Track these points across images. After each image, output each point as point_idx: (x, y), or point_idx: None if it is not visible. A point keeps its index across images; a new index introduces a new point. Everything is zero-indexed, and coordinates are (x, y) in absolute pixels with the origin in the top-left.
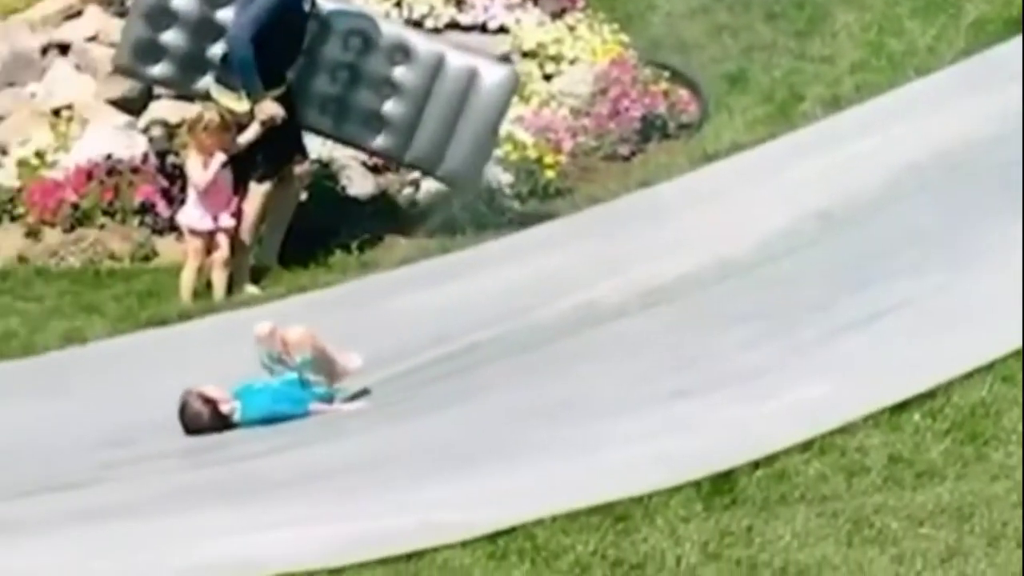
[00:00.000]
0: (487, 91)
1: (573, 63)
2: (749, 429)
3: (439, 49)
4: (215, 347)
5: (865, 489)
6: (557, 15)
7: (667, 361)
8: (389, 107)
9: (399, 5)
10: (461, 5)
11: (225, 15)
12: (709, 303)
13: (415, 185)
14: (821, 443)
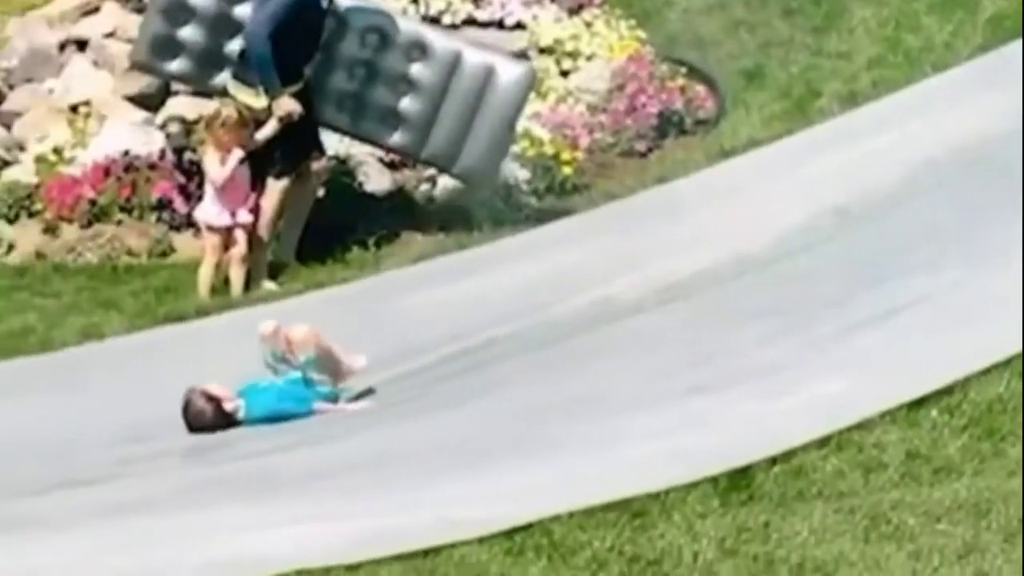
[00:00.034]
0: (504, 88)
1: (590, 59)
2: (766, 425)
3: (456, 46)
4: (233, 343)
5: (882, 485)
6: (574, 11)
7: (684, 357)
8: (406, 104)
9: (416, 1)
10: (478, 1)
11: (243, 11)
12: (726, 299)
13: (432, 182)
14: (838, 439)
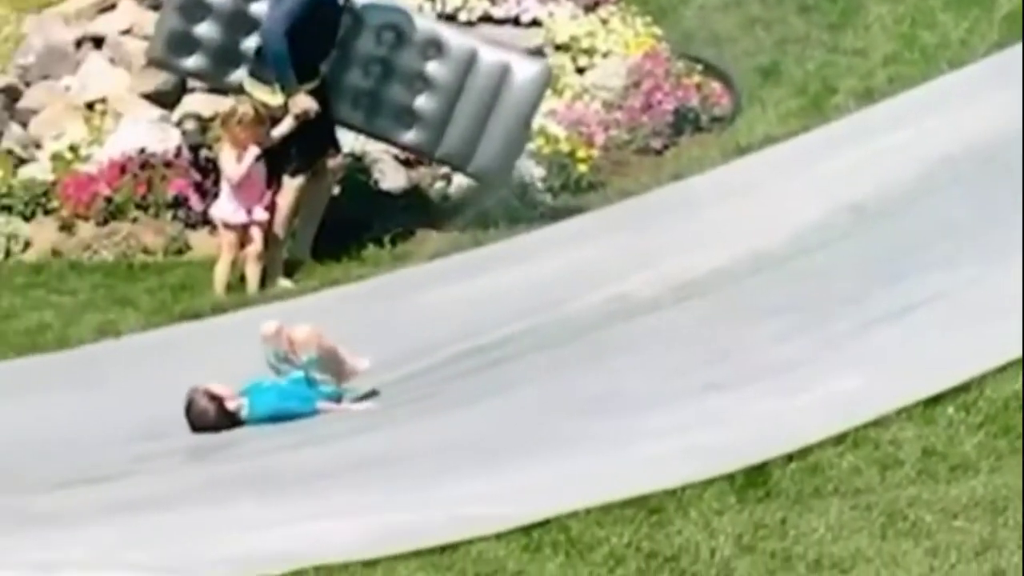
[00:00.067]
0: (519, 87)
1: (606, 56)
2: (782, 422)
3: (472, 44)
4: (249, 340)
5: (899, 482)
6: (590, 8)
7: (700, 354)
8: (421, 102)
9: None
10: None
11: (259, 8)
12: (742, 296)
13: (447, 179)
14: (855, 436)
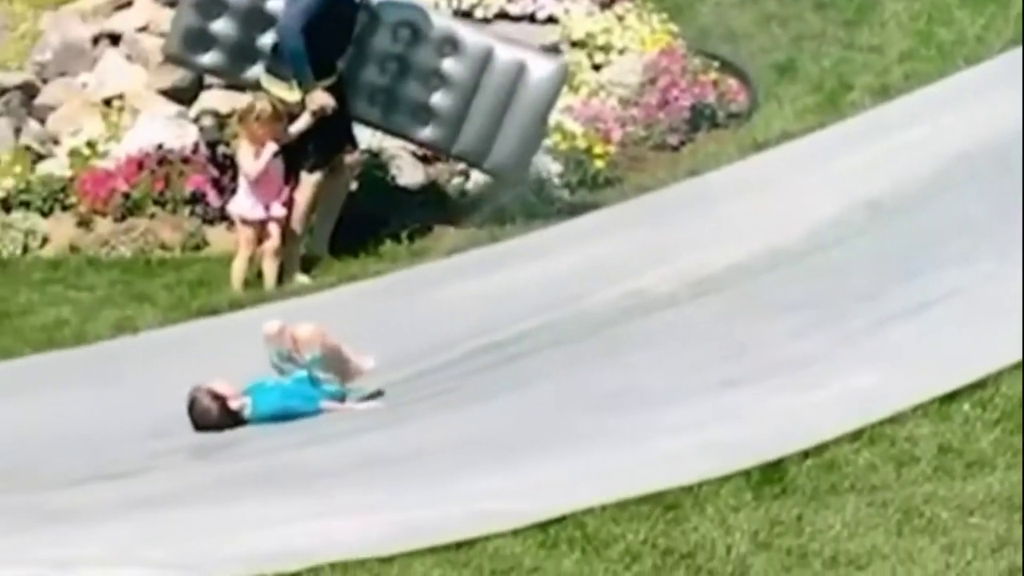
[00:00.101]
0: (535, 85)
1: (622, 53)
2: (798, 418)
3: (488, 42)
4: None
5: (915, 479)
6: (606, 5)
7: (716, 350)
8: (437, 99)
9: None
10: None
11: (275, 5)
12: (758, 292)
13: (465, 175)
14: (871, 433)
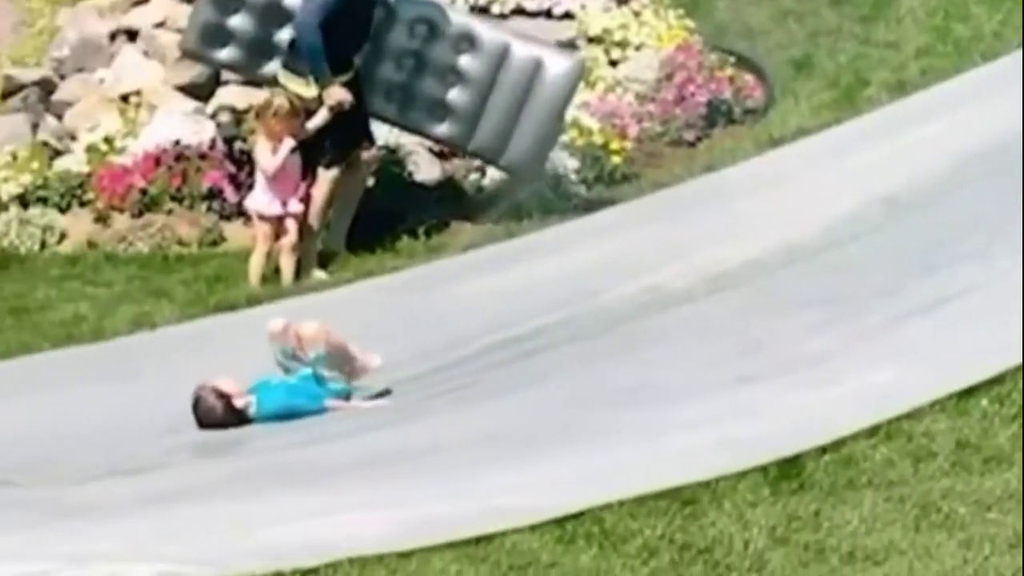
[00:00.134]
0: (551, 82)
1: (639, 49)
2: (815, 414)
3: (504, 39)
4: None
5: (932, 474)
6: (623, 1)
7: (733, 346)
8: (453, 95)
9: None
10: None
11: (292, 0)
12: (775, 288)
13: (481, 171)
14: (888, 428)
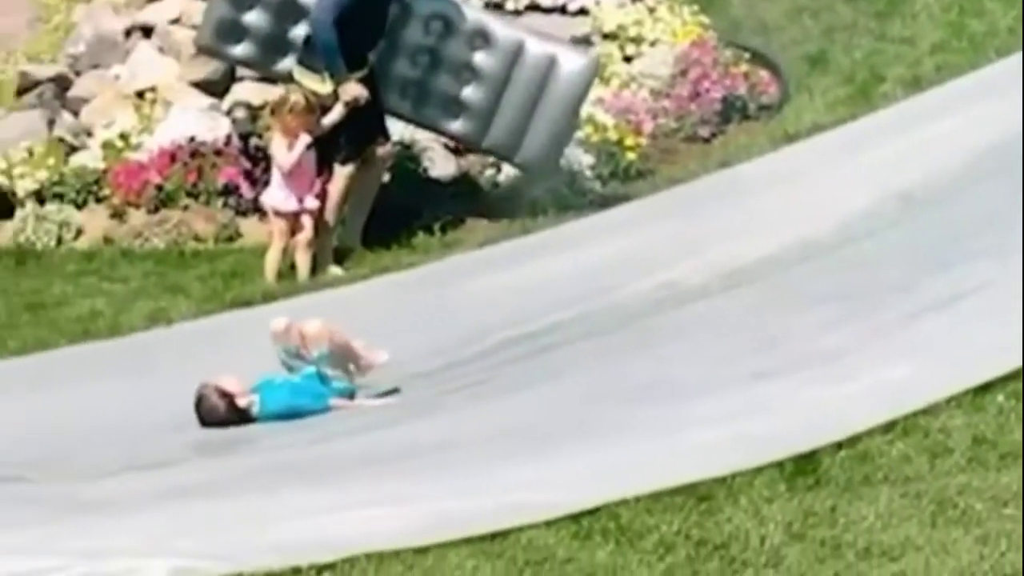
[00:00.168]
0: (565, 79)
1: (653, 45)
2: (830, 410)
3: (519, 36)
4: None
5: (948, 470)
6: None
7: (748, 342)
8: (468, 92)
9: None
10: None
11: None
12: (790, 284)
13: (497, 167)
14: (904, 424)
